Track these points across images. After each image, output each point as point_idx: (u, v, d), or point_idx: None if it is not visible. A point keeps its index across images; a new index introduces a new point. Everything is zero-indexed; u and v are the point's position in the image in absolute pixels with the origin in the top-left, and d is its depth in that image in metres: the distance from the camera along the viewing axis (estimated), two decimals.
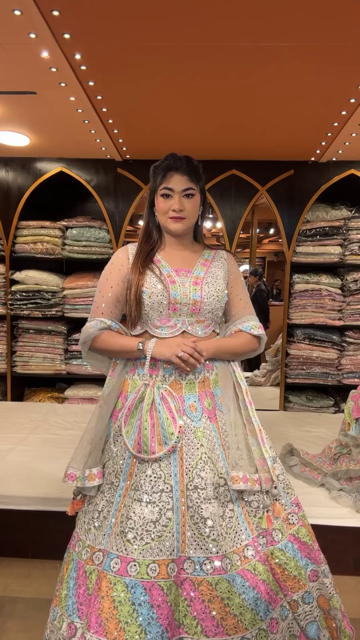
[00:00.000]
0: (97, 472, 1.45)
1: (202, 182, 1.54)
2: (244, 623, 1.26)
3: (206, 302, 1.48)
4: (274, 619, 1.34)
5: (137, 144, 3.33)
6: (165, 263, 1.53)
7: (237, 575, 1.30)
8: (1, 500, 2.27)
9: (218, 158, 3.60)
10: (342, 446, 2.48)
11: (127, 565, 1.25)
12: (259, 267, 6.22)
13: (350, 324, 3.72)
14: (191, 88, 2.41)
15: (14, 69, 2.22)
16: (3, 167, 3.75)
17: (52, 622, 1.41)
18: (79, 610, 1.34)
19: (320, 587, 1.46)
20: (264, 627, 1.30)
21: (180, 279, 1.49)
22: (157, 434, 1.37)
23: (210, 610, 1.24)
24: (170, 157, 1.50)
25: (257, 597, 1.29)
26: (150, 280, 1.47)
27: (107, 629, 1.20)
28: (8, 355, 3.86)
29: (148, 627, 1.19)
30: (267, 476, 1.43)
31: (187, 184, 1.48)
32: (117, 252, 1.58)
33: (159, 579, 1.24)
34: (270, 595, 1.34)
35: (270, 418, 3.59)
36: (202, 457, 1.38)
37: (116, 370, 1.53)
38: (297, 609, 1.38)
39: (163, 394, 1.41)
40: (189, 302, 1.47)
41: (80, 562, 1.40)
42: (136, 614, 1.20)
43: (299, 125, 2.89)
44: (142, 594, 1.22)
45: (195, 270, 1.53)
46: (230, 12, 1.76)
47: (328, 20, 1.80)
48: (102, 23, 1.85)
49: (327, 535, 2.17)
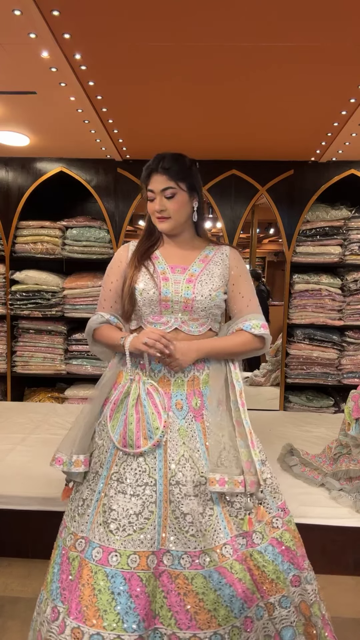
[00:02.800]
0: (84, 459, 1.48)
1: (191, 178, 1.51)
2: (217, 619, 1.28)
3: (198, 300, 1.47)
4: (249, 617, 1.35)
5: (137, 144, 3.33)
6: (163, 260, 1.54)
7: (214, 571, 1.32)
8: (1, 500, 2.27)
9: (218, 158, 3.60)
10: (342, 446, 2.48)
11: (109, 555, 1.29)
12: (258, 268, 6.22)
13: (350, 324, 3.72)
14: (191, 88, 2.41)
15: (14, 69, 2.22)
16: (3, 167, 3.75)
17: (39, 605, 1.47)
18: (62, 595, 1.38)
19: (302, 593, 1.45)
20: (238, 624, 1.32)
21: (174, 276, 1.50)
22: (143, 429, 1.39)
23: (185, 604, 1.28)
24: (153, 158, 1.50)
25: (232, 595, 1.31)
26: (142, 277, 1.50)
27: (87, 615, 1.24)
28: (8, 355, 3.86)
29: (126, 615, 1.23)
30: (253, 479, 1.42)
31: (165, 183, 1.46)
32: (119, 249, 1.62)
33: (139, 570, 1.28)
34: (247, 594, 1.34)
35: (270, 418, 3.59)
36: (183, 455, 1.41)
37: (113, 361, 1.57)
38: (273, 612, 1.39)
39: (149, 389, 1.43)
40: (181, 300, 1.47)
41: (65, 549, 1.45)
42: (115, 603, 1.24)
43: (299, 125, 2.89)
44: (122, 584, 1.26)
45: (192, 268, 1.52)
46: (230, 12, 1.76)
47: (328, 20, 1.80)
48: (102, 23, 1.85)
49: (327, 535, 2.17)
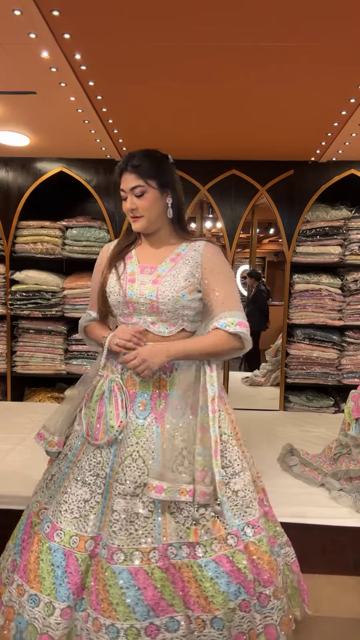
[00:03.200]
0: (58, 441, 1.57)
1: (162, 175, 1.48)
2: (117, 613, 1.32)
3: (162, 302, 1.45)
4: (154, 625, 1.33)
5: (137, 144, 3.29)
6: (136, 260, 1.54)
7: (124, 570, 1.34)
8: (1, 500, 2.26)
9: (218, 158, 3.60)
10: (342, 446, 2.48)
11: (55, 532, 1.42)
12: (258, 268, 6.22)
13: (350, 324, 3.71)
14: (191, 88, 2.41)
15: (14, 69, 2.22)
16: (3, 167, 3.75)
17: (5, 552, 1.65)
18: (21, 552, 1.54)
19: (252, 621, 1.40)
20: (138, 626, 1.33)
21: (142, 277, 1.49)
22: (103, 424, 1.45)
23: (98, 589, 1.36)
24: (124, 157, 1.49)
25: (138, 598, 1.32)
26: (111, 279, 1.52)
27: (29, 577, 1.40)
28: (8, 355, 3.86)
29: (59, 587, 1.37)
30: (205, 490, 1.37)
31: (134, 181, 1.45)
32: (103, 247, 1.66)
33: (77, 551, 1.40)
34: (157, 602, 1.33)
35: (270, 418, 3.60)
36: (132, 454, 1.42)
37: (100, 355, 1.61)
38: (203, 630, 1.35)
39: (113, 387, 1.46)
40: (146, 301, 1.46)
41: (31, 513, 1.59)
42: (53, 573, 1.38)
43: (299, 125, 2.89)
44: (61, 559, 1.39)
45: (160, 268, 1.50)
46: (230, 12, 1.76)
47: (328, 20, 1.80)
48: (102, 23, 1.85)
49: (327, 535, 2.17)
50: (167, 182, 1.49)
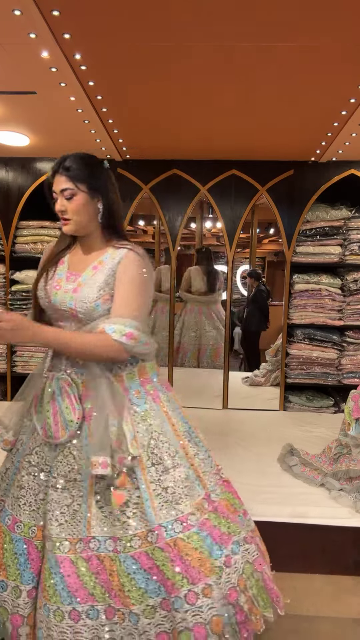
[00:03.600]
0: (12, 441, 1.61)
1: (93, 179, 1.47)
2: (49, 595, 1.40)
3: (79, 310, 1.46)
4: (76, 610, 1.40)
5: (137, 144, 3.32)
6: (66, 266, 1.55)
7: (53, 557, 1.43)
8: None
9: (218, 158, 3.60)
10: (342, 446, 2.48)
11: (15, 524, 1.52)
12: (258, 268, 6.22)
13: (350, 324, 3.72)
14: (191, 88, 2.41)
15: (14, 69, 2.22)
16: (3, 167, 3.75)
17: None
18: None
19: (172, 620, 1.38)
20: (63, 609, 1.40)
21: (66, 284, 1.50)
22: (60, 421, 1.47)
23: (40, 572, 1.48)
24: (58, 158, 1.49)
25: (63, 585, 1.40)
26: (41, 284, 1.54)
27: None
28: (8, 355, 3.86)
29: (23, 572, 1.49)
30: (122, 456, 1.39)
31: (64, 184, 1.45)
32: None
33: (35, 540, 1.49)
34: (81, 590, 1.40)
35: (270, 418, 3.60)
36: (63, 451, 1.48)
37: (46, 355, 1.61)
38: (123, 622, 1.39)
39: (62, 384, 1.47)
40: (67, 309, 1.48)
41: None
42: (17, 561, 1.50)
43: (299, 125, 2.89)
44: (23, 548, 1.50)
45: (83, 276, 1.50)
46: (230, 12, 1.76)
47: (328, 20, 1.80)
48: (102, 23, 1.85)
49: (327, 535, 2.17)
50: (98, 187, 1.49)
